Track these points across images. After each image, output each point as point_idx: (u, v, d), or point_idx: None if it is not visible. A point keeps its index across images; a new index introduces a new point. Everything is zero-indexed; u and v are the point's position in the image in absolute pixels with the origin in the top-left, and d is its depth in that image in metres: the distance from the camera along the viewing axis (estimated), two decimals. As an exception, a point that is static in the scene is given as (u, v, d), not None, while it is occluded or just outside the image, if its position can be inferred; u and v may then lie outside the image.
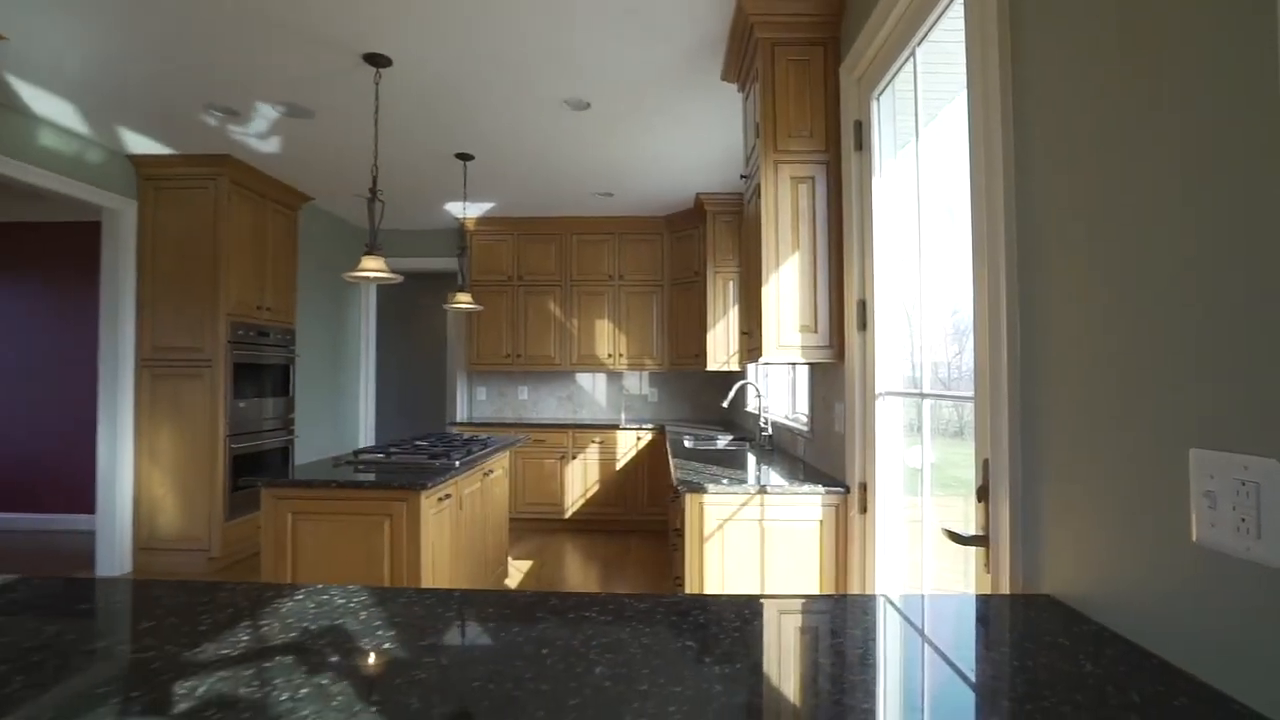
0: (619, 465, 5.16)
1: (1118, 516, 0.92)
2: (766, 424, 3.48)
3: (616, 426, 5.18)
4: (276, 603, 1.01)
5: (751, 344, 2.53)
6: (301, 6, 2.41)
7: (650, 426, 5.17)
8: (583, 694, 0.71)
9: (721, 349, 4.89)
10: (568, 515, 5.18)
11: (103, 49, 2.73)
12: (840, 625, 0.95)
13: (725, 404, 3.76)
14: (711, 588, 2.17)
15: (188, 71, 2.94)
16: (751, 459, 2.95)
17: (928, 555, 1.82)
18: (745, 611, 1.00)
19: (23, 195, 4.01)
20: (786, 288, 2.30)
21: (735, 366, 4.88)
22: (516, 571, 4.15)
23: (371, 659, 0.81)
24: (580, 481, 5.18)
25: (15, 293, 5.18)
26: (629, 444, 5.16)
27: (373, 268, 2.62)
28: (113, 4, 2.39)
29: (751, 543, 2.20)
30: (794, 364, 3.02)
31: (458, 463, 2.61)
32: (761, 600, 1.08)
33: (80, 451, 4.90)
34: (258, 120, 3.51)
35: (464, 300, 3.86)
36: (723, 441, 3.92)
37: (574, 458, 5.18)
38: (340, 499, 2.27)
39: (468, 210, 5.35)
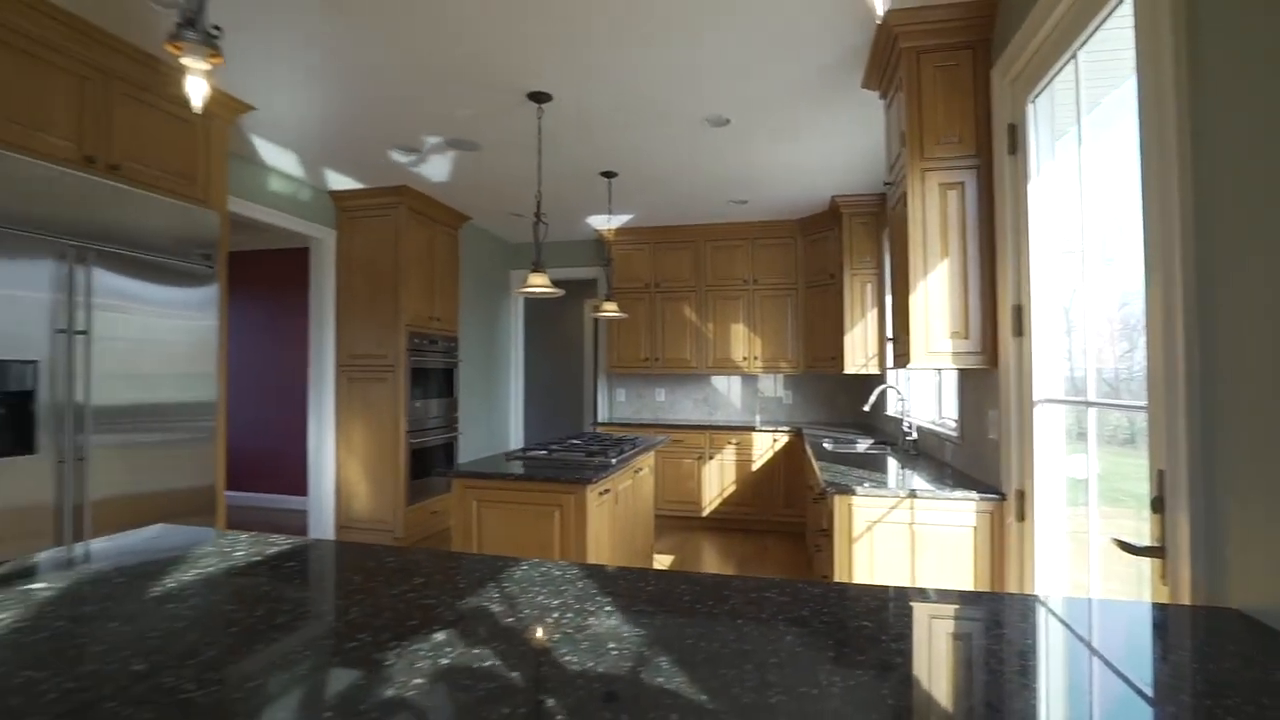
0: (755, 466, 5.25)
1: (1309, 530, 0.92)
2: (911, 428, 3.44)
3: (752, 428, 5.27)
4: (509, 570, 1.24)
5: (899, 350, 2.55)
6: (477, 57, 2.76)
7: (786, 429, 5.21)
8: (779, 655, 0.86)
9: (859, 352, 4.83)
10: (705, 514, 5.35)
11: (319, 109, 3.28)
12: (1003, 618, 1.02)
13: (866, 408, 3.74)
14: (860, 588, 2.23)
15: (379, 119, 3.44)
16: (895, 463, 2.95)
17: (1094, 569, 1.77)
18: (910, 600, 1.10)
19: (250, 228, 4.82)
20: (935, 294, 2.31)
21: (874, 369, 4.80)
22: (659, 565, 4.37)
23: (599, 617, 1.00)
24: (717, 481, 5.33)
25: (242, 309, 6.21)
26: (765, 445, 5.23)
27: (538, 283, 2.93)
28: (329, 74, 2.88)
29: (901, 545, 2.24)
30: (940, 369, 2.97)
31: (614, 460, 2.86)
32: (924, 591, 1.17)
33: (292, 443, 5.79)
34: (433, 155, 4.00)
35: (610, 308, 4.15)
36: (863, 445, 3.90)
37: (711, 458, 5.34)
38: (518, 490, 2.59)
39: (610, 222, 5.68)
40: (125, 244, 2.50)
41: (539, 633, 0.94)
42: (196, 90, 1.09)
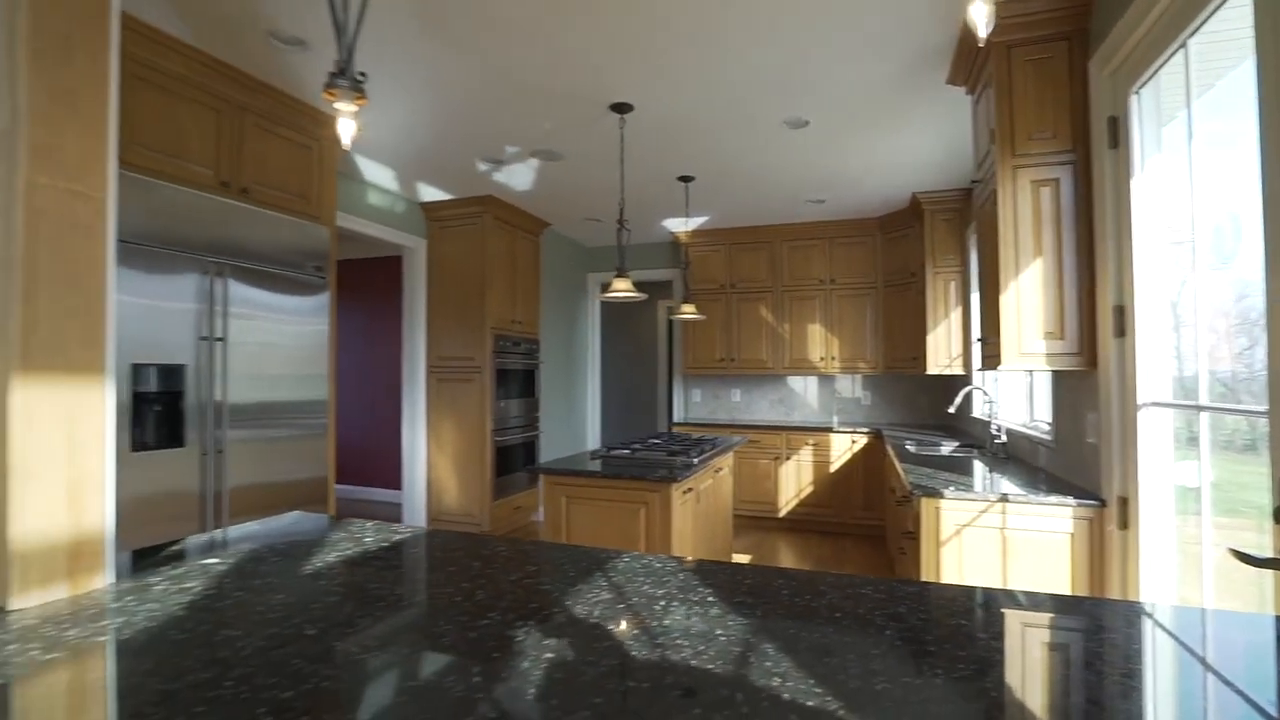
0: (833, 468, 5.19)
1: None
2: (999, 431, 3.33)
3: (830, 429, 5.21)
4: (612, 562, 1.33)
5: (988, 351, 2.49)
6: (563, 74, 2.89)
7: (865, 430, 5.12)
8: (880, 646, 0.90)
9: (943, 352, 4.69)
10: (781, 514, 5.33)
11: (415, 128, 3.51)
12: (1105, 622, 1.02)
13: (951, 409, 3.65)
14: (948, 592, 2.21)
15: (469, 134, 3.63)
16: (983, 466, 2.87)
17: (1207, 581, 1.69)
18: (1006, 602, 1.11)
19: (350, 239, 5.18)
20: (1028, 294, 2.25)
21: (958, 370, 4.65)
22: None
23: (704, 606, 1.08)
24: (794, 482, 5.30)
25: (341, 314, 6.66)
26: (843, 447, 5.16)
27: (622, 288, 3.03)
28: (426, 95, 3.08)
29: (991, 550, 2.19)
30: (1032, 371, 2.87)
31: (696, 460, 2.93)
32: (1020, 594, 1.18)
33: (387, 440, 6.17)
34: (518, 165, 4.18)
35: (689, 311, 4.22)
36: (948, 448, 3.80)
37: (788, 459, 5.32)
38: (606, 487, 2.70)
39: (687, 225, 5.74)
40: (253, 258, 2.78)
41: (649, 618, 1.02)
42: (346, 130, 1.23)
